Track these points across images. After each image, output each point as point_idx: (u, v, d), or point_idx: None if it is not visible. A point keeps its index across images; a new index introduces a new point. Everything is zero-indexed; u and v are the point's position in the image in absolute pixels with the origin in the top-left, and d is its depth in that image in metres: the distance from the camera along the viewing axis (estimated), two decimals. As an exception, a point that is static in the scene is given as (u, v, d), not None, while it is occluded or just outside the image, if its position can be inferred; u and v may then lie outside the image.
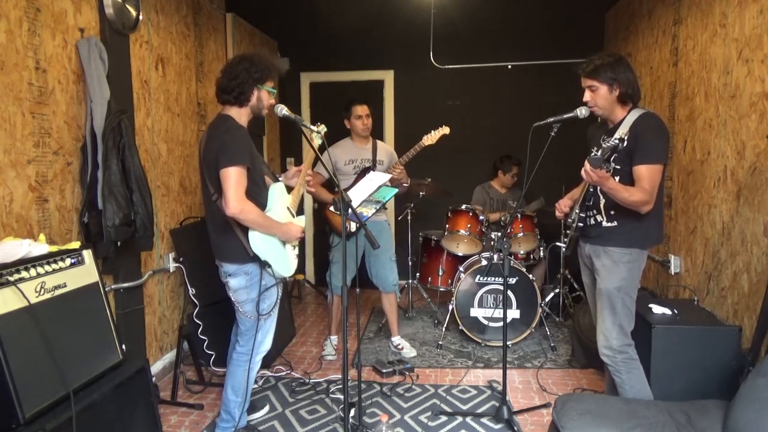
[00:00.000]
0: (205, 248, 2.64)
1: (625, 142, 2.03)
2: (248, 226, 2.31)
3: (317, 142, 2.58)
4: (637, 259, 2.35)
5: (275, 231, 2.40)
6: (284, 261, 2.47)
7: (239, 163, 2.23)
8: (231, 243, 2.37)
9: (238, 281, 2.41)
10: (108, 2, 2.75)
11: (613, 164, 2.28)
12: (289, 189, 2.67)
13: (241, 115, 2.41)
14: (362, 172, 3.55)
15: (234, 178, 2.21)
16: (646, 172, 2.20)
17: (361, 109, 3.59)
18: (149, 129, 3.24)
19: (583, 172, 2.13)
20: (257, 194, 2.38)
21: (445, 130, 3.58)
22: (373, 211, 3.15)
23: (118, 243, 2.66)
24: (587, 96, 2.36)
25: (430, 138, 3.56)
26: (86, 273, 2.12)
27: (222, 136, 2.31)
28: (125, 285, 2.90)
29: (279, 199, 2.50)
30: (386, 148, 3.81)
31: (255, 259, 2.36)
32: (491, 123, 5.32)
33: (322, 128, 2.58)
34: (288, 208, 2.57)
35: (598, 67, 2.30)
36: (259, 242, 2.34)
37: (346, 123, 3.65)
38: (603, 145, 2.06)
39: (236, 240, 2.36)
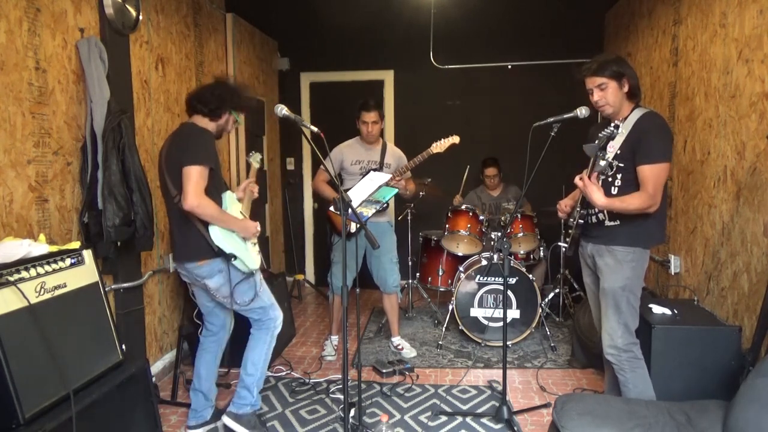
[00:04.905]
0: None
1: (620, 128, 2.05)
2: (206, 220, 2.37)
3: (255, 166, 2.83)
4: (640, 258, 2.34)
5: (233, 225, 2.46)
6: (247, 255, 2.52)
7: (202, 162, 2.31)
8: (193, 238, 2.41)
9: (215, 280, 2.47)
10: (108, 2, 2.75)
11: (615, 162, 2.29)
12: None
13: (207, 127, 2.51)
14: (367, 174, 3.47)
15: (195, 176, 2.28)
16: (650, 173, 2.20)
17: (368, 116, 3.54)
18: (149, 129, 3.24)
19: (577, 180, 2.18)
20: (216, 197, 2.43)
21: (455, 139, 3.49)
22: (373, 211, 3.14)
23: (118, 243, 2.67)
24: (596, 95, 2.30)
25: (439, 146, 3.47)
26: (86, 273, 2.12)
27: (188, 137, 2.41)
28: (125, 285, 2.90)
29: (231, 204, 2.56)
30: (395, 152, 3.75)
31: (220, 253, 2.41)
32: (491, 123, 5.31)
33: (257, 157, 2.86)
34: (241, 212, 2.63)
35: (603, 64, 2.27)
36: (219, 234, 2.39)
37: (357, 123, 3.62)
38: (599, 135, 2.08)
39: (198, 234, 2.40)
